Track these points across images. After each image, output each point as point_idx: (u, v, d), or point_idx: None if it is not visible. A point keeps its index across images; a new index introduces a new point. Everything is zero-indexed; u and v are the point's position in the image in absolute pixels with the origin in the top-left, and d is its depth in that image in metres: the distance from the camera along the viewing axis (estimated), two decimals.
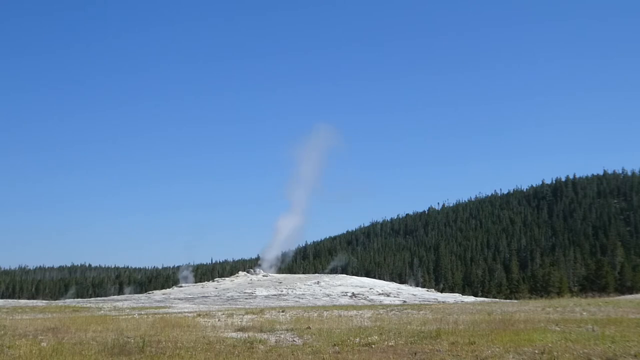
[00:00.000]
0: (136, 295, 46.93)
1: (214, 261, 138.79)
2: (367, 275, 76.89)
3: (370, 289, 40.31)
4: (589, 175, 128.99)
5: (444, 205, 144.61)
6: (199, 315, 18.89)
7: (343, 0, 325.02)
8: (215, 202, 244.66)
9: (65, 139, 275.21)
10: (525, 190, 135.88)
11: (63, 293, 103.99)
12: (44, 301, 43.26)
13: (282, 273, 65.86)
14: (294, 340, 11.59)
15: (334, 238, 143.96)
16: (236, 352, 10.04)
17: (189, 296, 38.34)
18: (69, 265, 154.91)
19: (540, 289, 66.21)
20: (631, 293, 46.93)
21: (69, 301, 41.27)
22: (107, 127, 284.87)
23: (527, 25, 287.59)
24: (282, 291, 39.06)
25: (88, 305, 29.54)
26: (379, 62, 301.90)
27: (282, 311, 19.84)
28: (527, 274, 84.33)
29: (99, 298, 51.66)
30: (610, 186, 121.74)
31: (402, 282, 69.32)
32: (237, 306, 27.04)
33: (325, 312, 19.41)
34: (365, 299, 33.96)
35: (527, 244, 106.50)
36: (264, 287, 42.75)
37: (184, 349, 10.23)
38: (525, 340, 10.43)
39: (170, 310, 24.03)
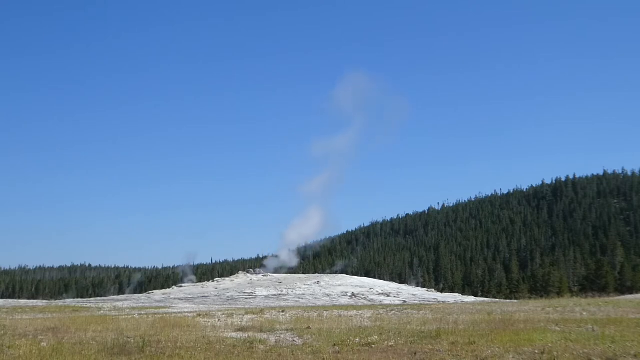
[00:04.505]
0: (136, 295, 46.93)
1: (214, 261, 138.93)
2: (367, 275, 76.88)
3: (370, 289, 40.30)
4: (589, 175, 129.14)
5: (444, 205, 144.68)
6: (199, 315, 18.88)
7: (343, 0, 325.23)
8: (215, 202, 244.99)
9: (65, 139, 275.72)
10: (525, 190, 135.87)
11: (63, 293, 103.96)
12: (44, 301, 43.23)
13: (282, 273, 65.88)
14: (294, 340, 11.59)
15: (334, 238, 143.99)
16: (236, 352, 10.04)
17: (189, 296, 38.34)
18: (69, 265, 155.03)
19: (540, 289, 66.20)
20: (631, 293, 46.90)
21: (69, 301, 41.24)
22: (107, 127, 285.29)
23: (527, 25, 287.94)
24: (282, 291, 39.06)
25: (88, 305, 29.53)
26: (379, 62, 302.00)
27: (282, 311, 19.84)
28: (527, 274, 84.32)
29: (99, 298, 51.63)
30: (610, 186, 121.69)
31: (402, 282, 69.32)
32: (237, 306, 27.03)
33: (325, 312, 19.41)
34: (365, 299, 33.95)
35: (527, 244, 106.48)
36: (264, 287, 42.75)
37: (184, 349, 10.23)
38: (525, 340, 10.43)
39: (170, 310, 24.02)
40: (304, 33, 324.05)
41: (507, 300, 34.64)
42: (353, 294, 36.00)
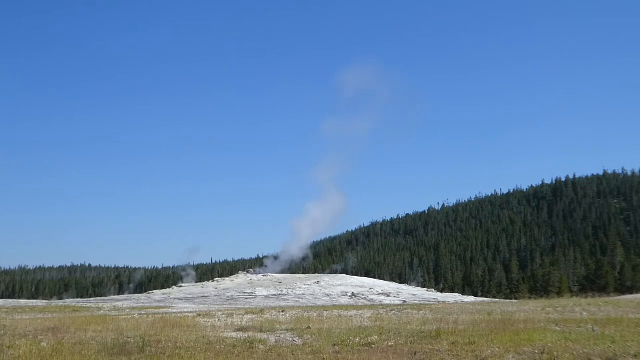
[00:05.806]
0: (136, 295, 46.92)
1: (214, 261, 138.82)
2: (367, 275, 76.86)
3: (370, 289, 40.31)
4: (589, 175, 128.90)
5: (444, 205, 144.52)
6: (199, 315, 18.89)
7: (343, 1, 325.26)
8: (215, 202, 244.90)
9: (65, 138, 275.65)
10: (525, 190, 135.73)
11: (63, 293, 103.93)
12: (44, 301, 43.23)
13: (283, 273, 65.88)
14: (294, 340, 11.59)
15: (334, 238, 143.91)
16: (236, 352, 10.04)
17: (189, 296, 38.34)
18: (69, 265, 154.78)
19: (540, 289, 66.20)
20: (631, 293, 46.85)
21: (69, 301, 41.26)
22: (106, 126, 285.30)
23: (527, 26, 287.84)
24: (282, 291, 39.06)
25: (88, 305, 29.53)
26: (378, 62, 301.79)
27: (282, 311, 19.84)
28: (527, 274, 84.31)
29: (99, 298, 51.62)
30: (610, 186, 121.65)
31: (402, 282, 69.32)
32: (237, 306, 27.04)
33: (325, 312, 19.40)
34: (365, 299, 33.95)
35: (527, 244, 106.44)
36: (264, 287, 42.75)
37: (184, 349, 10.23)
38: (525, 340, 10.43)
39: (170, 310, 24.02)
40: (304, 33, 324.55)
41: (507, 300, 34.63)
42: (353, 294, 36.00)
